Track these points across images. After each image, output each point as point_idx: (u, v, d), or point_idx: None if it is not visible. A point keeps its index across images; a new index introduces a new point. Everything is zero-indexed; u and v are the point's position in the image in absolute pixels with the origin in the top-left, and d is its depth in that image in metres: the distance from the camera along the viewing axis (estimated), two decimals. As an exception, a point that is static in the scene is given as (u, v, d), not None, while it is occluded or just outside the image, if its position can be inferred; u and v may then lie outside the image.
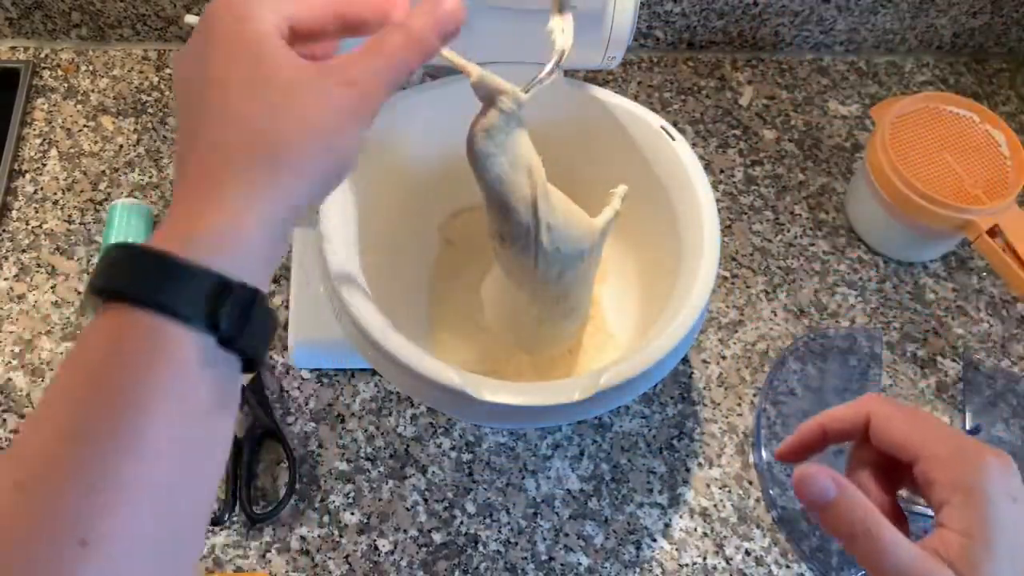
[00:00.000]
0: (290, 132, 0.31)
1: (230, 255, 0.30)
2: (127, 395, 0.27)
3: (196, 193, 0.31)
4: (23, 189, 0.71)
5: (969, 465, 0.35)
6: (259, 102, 0.31)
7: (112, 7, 0.76)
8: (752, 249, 0.73)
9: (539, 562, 0.58)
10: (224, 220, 0.30)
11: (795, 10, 0.82)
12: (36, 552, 0.25)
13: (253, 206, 0.30)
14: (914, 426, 0.37)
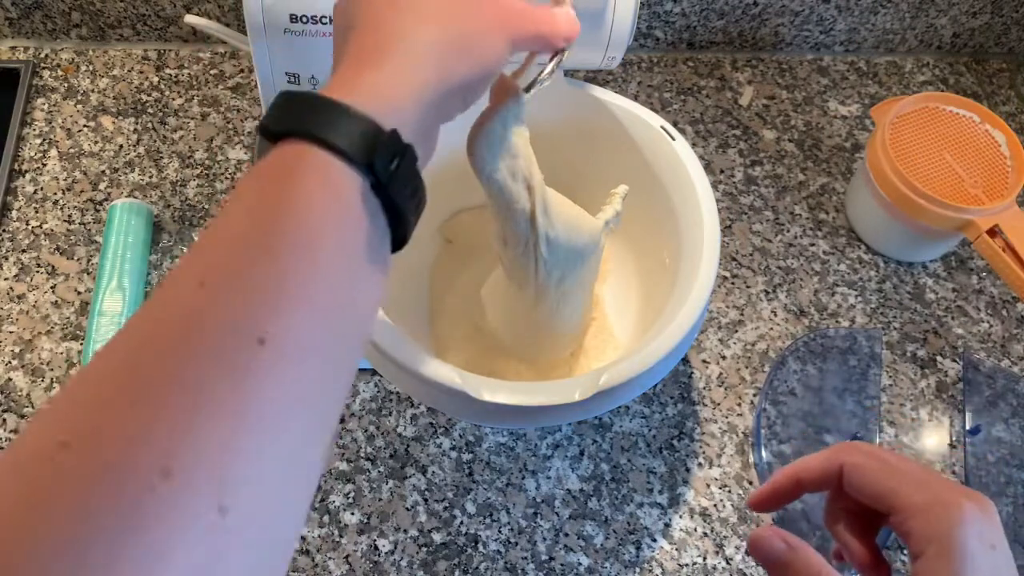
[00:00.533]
0: (434, 29, 0.34)
1: (385, 109, 0.32)
2: (300, 216, 0.29)
3: (354, 67, 0.33)
4: (23, 189, 0.71)
5: (944, 515, 0.35)
6: (416, 3, 0.35)
7: (112, 7, 0.76)
8: (752, 249, 0.73)
9: (539, 562, 0.58)
10: (383, 80, 0.33)
11: (795, 10, 0.82)
12: (219, 343, 0.26)
13: (409, 76, 0.33)
14: (887, 475, 0.37)
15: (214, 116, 0.76)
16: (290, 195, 0.29)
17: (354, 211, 0.30)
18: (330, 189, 0.30)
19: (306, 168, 0.30)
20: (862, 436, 0.64)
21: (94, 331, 0.62)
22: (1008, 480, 0.63)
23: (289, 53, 0.51)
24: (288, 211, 0.29)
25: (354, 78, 0.33)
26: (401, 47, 0.34)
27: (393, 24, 0.34)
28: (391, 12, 0.35)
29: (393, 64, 0.33)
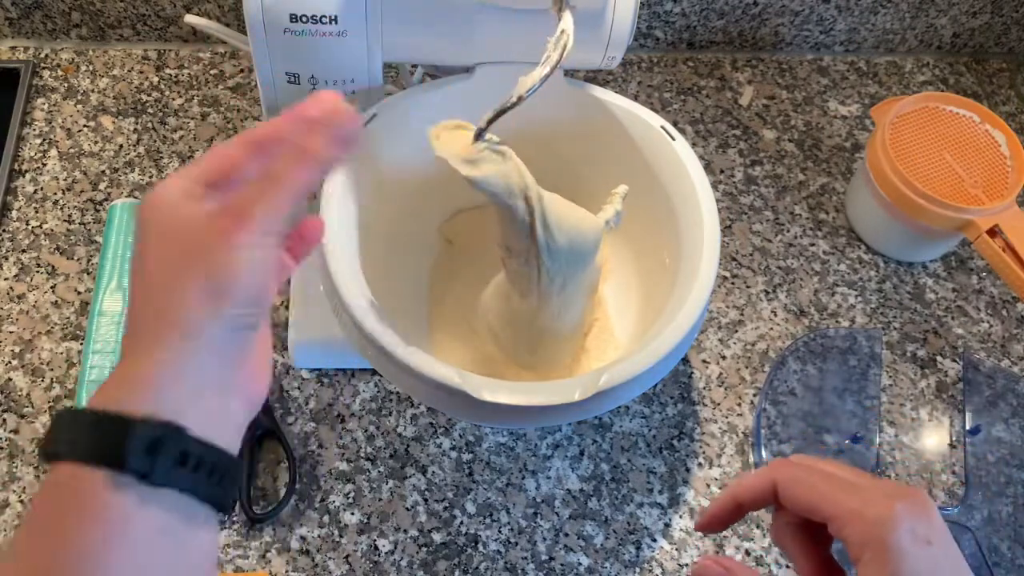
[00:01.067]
0: (169, 284, 0.33)
1: (137, 397, 0.32)
2: (75, 549, 0.30)
3: (122, 361, 0.34)
4: (23, 189, 0.71)
5: (876, 518, 0.35)
6: (149, 269, 0.34)
7: (112, 7, 0.76)
8: (752, 249, 0.73)
9: (539, 562, 0.58)
10: (133, 371, 0.33)
11: (795, 10, 0.82)
12: None
13: (152, 358, 0.33)
14: (818, 486, 0.37)
15: (214, 116, 0.76)
16: (64, 531, 0.30)
17: (121, 517, 0.30)
18: (93, 511, 0.30)
19: (63, 493, 0.31)
20: (862, 436, 0.64)
21: (94, 331, 0.62)
22: (1008, 480, 0.63)
23: (289, 53, 0.51)
24: (67, 552, 0.30)
25: (113, 378, 0.33)
26: (145, 331, 0.33)
27: (136, 306, 0.34)
28: (137, 292, 0.34)
29: (142, 352, 0.33)
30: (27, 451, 0.59)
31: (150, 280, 0.34)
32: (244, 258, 0.33)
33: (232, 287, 0.33)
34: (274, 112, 0.55)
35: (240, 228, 0.33)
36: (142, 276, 0.34)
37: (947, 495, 0.63)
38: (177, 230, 0.34)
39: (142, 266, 0.34)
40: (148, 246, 0.34)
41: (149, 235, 0.34)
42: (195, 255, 0.33)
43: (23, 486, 0.58)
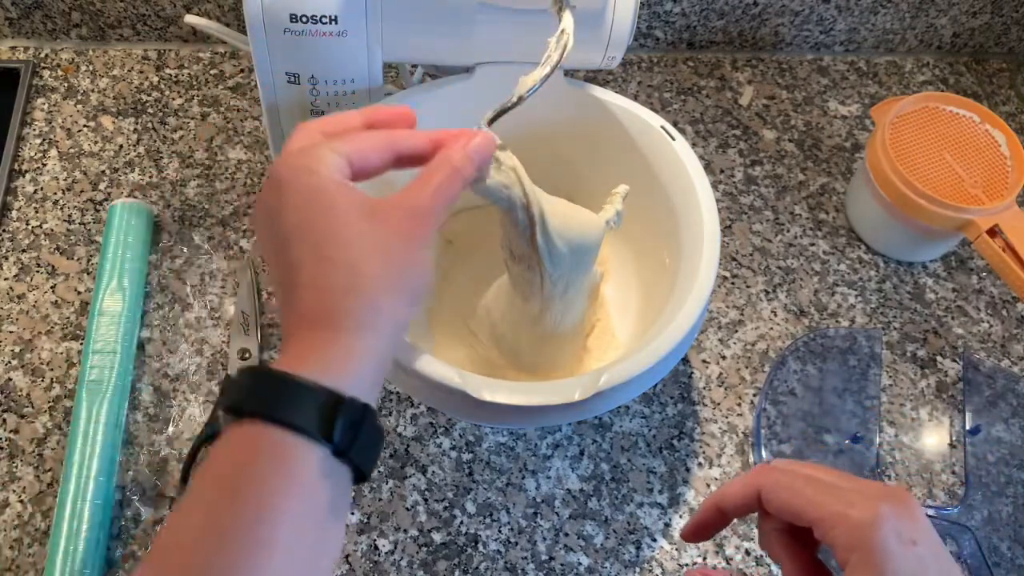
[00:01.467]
0: (375, 273, 0.35)
1: (340, 376, 0.34)
2: (255, 505, 0.31)
3: (308, 332, 0.35)
4: (23, 189, 0.71)
5: (861, 520, 0.35)
6: (343, 252, 0.35)
7: (112, 7, 0.76)
8: (752, 249, 0.73)
9: (539, 562, 0.58)
10: (337, 350, 0.34)
11: (795, 10, 0.82)
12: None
13: (357, 341, 0.35)
14: (802, 491, 0.37)
15: (214, 116, 0.76)
16: (247, 488, 0.31)
17: (312, 483, 0.33)
18: (286, 470, 0.32)
19: (262, 452, 0.32)
20: (862, 436, 0.64)
21: (94, 331, 0.62)
22: (1008, 480, 0.63)
23: (289, 53, 0.51)
24: (245, 504, 0.31)
25: (308, 349, 0.34)
26: (348, 313, 0.35)
27: (333, 282, 0.35)
28: (327, 267, 0.35)
29: (343, 332, 0.35)
30: (27, 451, 0.59)
31: (337, 265, 0.35)
32: (427, 258, 0.37)
33: (423, 286, 0.37)
34: (274, 112, 0.55)
35: (422, 227, 0.37)
36: (324, 256, 0.35)
37: (947, 495, 0.63)
38: (357, 219, 0.35)
39: (322, 245, 0.35)
40: (328, 225, 0.35)
41: (323, 212, 0.35)
42: (391, 254, 0.36)
43: (23, 486, 0.58)
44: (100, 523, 0.56)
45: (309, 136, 0.38)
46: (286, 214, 0.36)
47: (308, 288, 0.35)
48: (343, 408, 0.33)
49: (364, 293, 0.35)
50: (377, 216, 0.36)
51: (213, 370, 0.63)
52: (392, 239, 0.36)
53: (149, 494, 0.59)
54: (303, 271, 0.35)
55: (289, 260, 0.36)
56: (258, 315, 0.65)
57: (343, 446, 0.33)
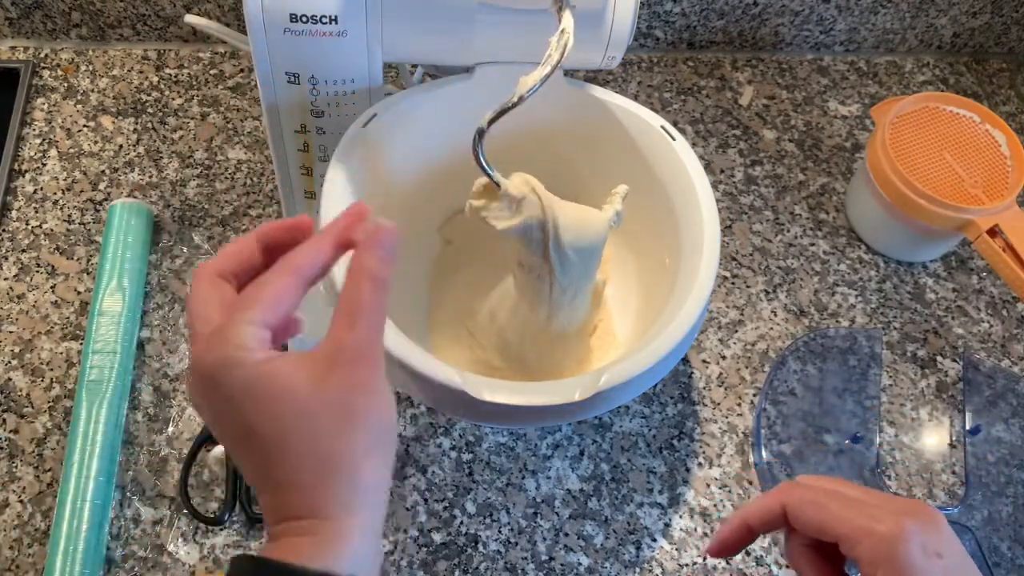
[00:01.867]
0: (345, 448, 0.33)
1: (337, 559, 0.32)
2: None
3: (296, 523, 0.33)
4: (23, 189, 0.71)
5: (886, 535, 0.35)
6: (306, 441, 0.33)
7: (112, 7, 0.76)
8: (752, 249, 0.73)
9: (539, 562, 0.58)
10: (326, 537, 0.33)
11: (795, 10, 0.82)
12: None
13: (346, 522, 0.33)
14: (827, 506, 0.37)
15: (214, 116, 0.76)
16: None
17: None
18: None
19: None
20: (862, 436, 0.64)
21: (94, 331, 0.62)
22: (1008, 480, 0.63)
23: (289, 53, 0.51)
24: None
25: (301, 539, 0.33)
26: (332, 500, 0.33)
27: (308, 477, 0.33)
28: (296, 462, 0.33)
29: (331, 519, 0.33)
30: (27, 451, 0.59)
31: (304, 456, 0.33)
32: (387, 398, 0.35)
33: (393, 430, 0.35)
34: (274, 112, 0.55)
35: (369, 368, 0.34)
36: (289, 450, 0.33)
37: (947, 495, 0.63)
38: (305, 396, 0.33)
39: (283, 439, 0.33)
40: (278, 417, 0.33)
41: (268, 404, 0.33)
42: (353, 416, 0.33)
43: (23, 486, 0.58)
44: (100, 523, 0.56)
45: (213, 290, 0.36)
46: (231, 414, 0.34)
47: (285, 488, 0.33)
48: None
49: (341, 476, 0.33)
50: (321, 383, 0.33)
51: (213, 370, 0.63)
52: (346, 398, 0.33)
53: (149, 494, 0.59)
54: (271, 473, 0.34)
55: (254, 459, 0.34)
56: (258, 315, 0.65)
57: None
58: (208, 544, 0.57)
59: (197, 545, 0.57)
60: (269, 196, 0.72)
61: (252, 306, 0.34)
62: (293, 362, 0.33)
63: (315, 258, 0.36)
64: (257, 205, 0.71)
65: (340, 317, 0.35)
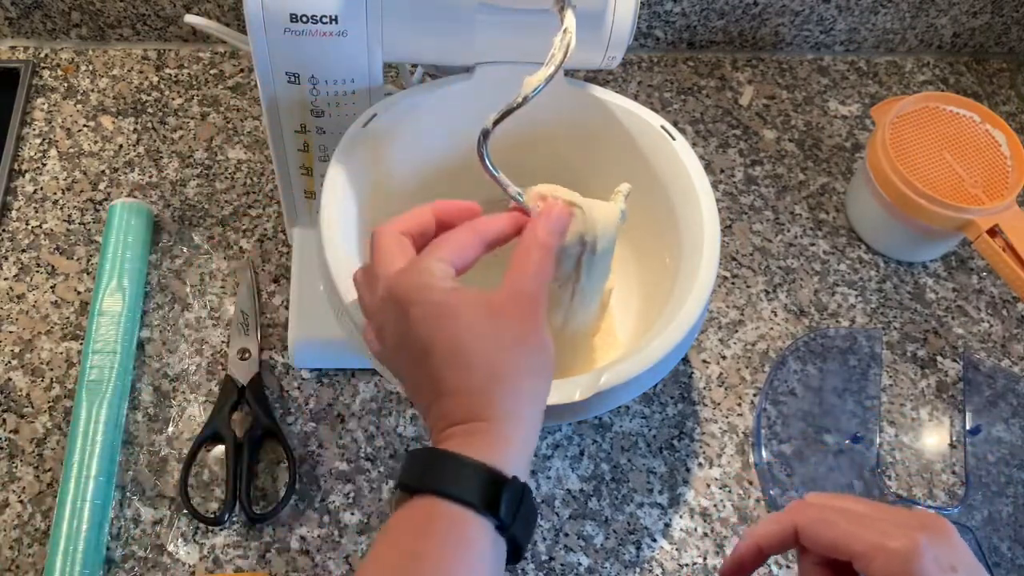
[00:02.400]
0: (510, 366, 0.39)
1: (500, 459, 0.37)
2: (433, 570, 0.34)
3: (462, 428, 0.38)
4: (23, 189, 0.71)
5: (899, 551, 0.35)
6: (478, 356, 0.38)
7: (112, 7, 0.76)
8: (752, 249, 0.73)
9: (539, 562, 0.58)
10: (491, 439, 0.38)
11: (795, 10, 0.82)
12: None
13: (507, 428, 0.38)
14: (838, 525, 0.38)
15: (214, 116, 0.76)
16: (427, 550, 0.35)
17: (483, 555, 0.35)
18: (461, 540, 0.35)
19: (439, 523, 0.35)
20: (862, 436, 0.64)
21: (94, 331, 0.62)
22: (1008, 480, 0.63)
23: (289, 53, 0.51)
24: (426, 565, 0.34)
25: (467, 440, 0.37)
26: (496, 406, 0.38)
27: (476, 385, 0.38)
28: (467, 373, 0.38)
29: (495, 422, 0.38)
30: (27, 451, 0.59)
31: (474, 369, 0.38)
32: (547, 337, 0.40)
33: (551, 361, 0.41)
34: (274, 112, 0.55)
35: (535, 310, 0.40)
36: (462, 364, 0.38)
37: (947, 495, 0.63)
38: (481, 321, 0.39)
39: (457, 354, 0.38)
40: (458, 335, 0.39)
41: (451, 323, 0.39)
42: (519, 343, 0.39)
43: (23, 486, 0.58)
44: (100, 523, 0.56)
45: (398, 244, 0.42)
46: (416, 332, 0.39)
47: (454, 395, 0.38)
48: (507, 487, 0.36)
49: (506, 386, 0.38)
50: (495, 313, 0.39)
51: (213, 370, 0.63)
52: (516, 329, 0.39)
53: (149, 494, 0.59)
54: (445, 381, 0.38)
55: (429, 373, 0.39)
56: (258, 315, 0.65)
57: (507, 521, 0.36)
58: (208, 544, 0.57)
59: (197, 545, 0.57)
60: (269, 196, 0.72)
61: (442, 248, 0.41)
62: (475, 294, 0.39)
63: (496, 227, 0.44)
64: (257, 205, 0.71)
65: (515, 269, 0.41)
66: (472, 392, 0.38)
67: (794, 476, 0.62)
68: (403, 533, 0.36)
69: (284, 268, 0.68)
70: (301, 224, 0.66)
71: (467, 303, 0.39)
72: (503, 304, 0.40)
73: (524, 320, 0.40)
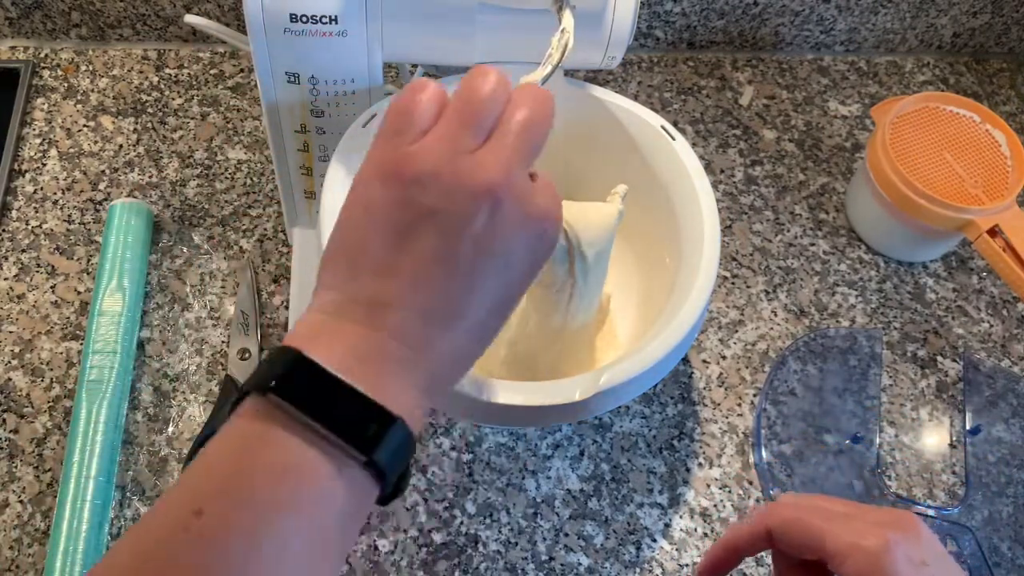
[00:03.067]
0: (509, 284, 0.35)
1: (411, 404, 0.32)
2: (267, 494, 0.29)
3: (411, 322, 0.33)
4: (23, 189, 0.71)
5: (870, 550, 0.36)
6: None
7: (112, 7, 0.76)
8: (752, 249, 0.73)
9: (539, 562, 0.58)
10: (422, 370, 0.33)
11: (795, 10, 0.82)
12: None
13: (449, 366, 0.35)
14: (811, 526, 0.38)
15: (214, 116, 0.76)
16: (260, 475, 0.30)
17: (334, 494, 0.30)
18: (302, 466, 0.30)
19: (279, 440, 0.30)
20: (862, 436, 0.64)
21: (94, 331, 0.62)
22: (1008, 480, 0.63)
23: (289, 53, 0.51)
24: (255, 491, 0.29)
25: (384, 360, 0.32)
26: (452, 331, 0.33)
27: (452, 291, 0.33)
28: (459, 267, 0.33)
29: (426, 358, 0.33)
30: (27, 451, 0.59)
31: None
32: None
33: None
34: (274, 112, 0.55)
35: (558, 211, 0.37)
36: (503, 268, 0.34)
37: (947, 495, 0.63)
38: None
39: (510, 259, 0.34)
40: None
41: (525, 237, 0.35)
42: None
43: (23, 486, 0.58)
44: (100, 523, 0.56)
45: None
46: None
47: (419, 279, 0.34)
48: (395, 430, 0.31)
49: (469, 320, 0.35)
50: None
51: (213, 370, 0.63)
52: (524, 260, 0.37)
53: (149, 494, 0.59)
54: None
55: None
56: (258, 315, 0.65)
57: (381, 466, 0.31)
58: (208, 544, 0.57)
59: (197, 545, 0.57)
60: (269, 196, 0.72)
61: (517, 152, 0.37)
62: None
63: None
64: (257, 205, 0.71)
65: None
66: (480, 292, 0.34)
67: (794, 476, 0.62)
68: (225, 447, 0.31)
69: (284, 268, 0.68)
70: (301, 224, 0.66)
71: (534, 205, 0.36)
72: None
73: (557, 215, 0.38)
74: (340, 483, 0.30)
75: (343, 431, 0.30)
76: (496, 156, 0.34)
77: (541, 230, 0.35)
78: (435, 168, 0.33)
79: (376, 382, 0.31)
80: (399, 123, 0.34)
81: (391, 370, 0.32)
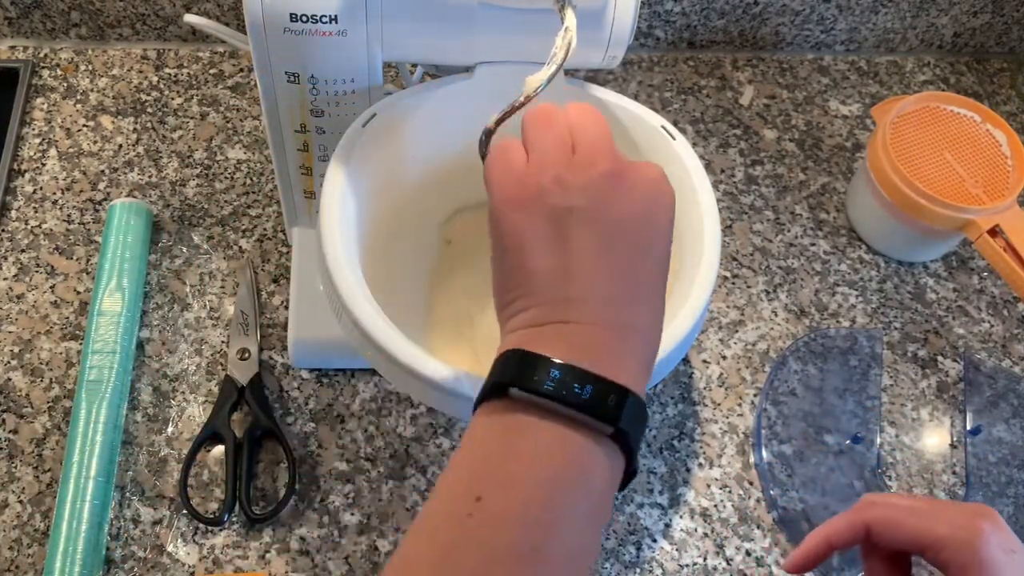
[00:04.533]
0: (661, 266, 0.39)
1: (627, 375, 0.35)
2: (540, 473, 0.32)
3: (598, 317, 0.36)
4: (23, 189, 0.71)
5: (968, 539, 0.39)
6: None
7: (112, 7, 0.76)
8: (752, 249, 0.73)
9: (539, 562, 0.58)
10: (627, 353, 0.36)
11: (796, 9, 0.81)
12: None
13: (645, 345, 0.38)
14: (908, 521, 0.41)
15: (214, 116, 0.76)
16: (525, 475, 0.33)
17: (597, 468, 0.34)
18: (574, 455, 0.33)
19: (537, 437, 0.33)
20: (863, 436, 0.63)
21: (93, 331, 0.62)
22: (1009, 480, 0.63)
23: (289, 53, 0.51)
24: (530, 484, 0.32)
25: (599, 346, 0.35)
26: (635, 314, 0.36)
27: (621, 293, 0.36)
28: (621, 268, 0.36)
29: (629, 336, 0.36)
30: (26, 451, 0.59)
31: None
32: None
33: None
34: (274, 112, 0.55)
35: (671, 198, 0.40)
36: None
37: (948, 495, 0.63)
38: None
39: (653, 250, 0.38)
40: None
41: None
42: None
43: (22, 486, 0.58)
44: (99, 523, 0.56)
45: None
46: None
47: (584, 279, 0.37)
48: (630, 399, 0.34)
49: (646, 303, 0.38)
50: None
51: (212, 370, 0.63)
52: (662, 247, 0.40)
53: (148, 494, 0.58)
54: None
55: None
56: (258, 315, 0.65)
57: (628, 431, 0.34)
58: (208, 544, 0.57)
59: (197, 545, 0.57)
60: (269, 196, 0.72)
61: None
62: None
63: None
64: (257, 205, 0.71)
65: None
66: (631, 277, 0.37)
67: (794, 476, 0.62)
68: (487, 440, 0.35)
69: (284, 268, 0.68)
70: (301, 224, 0.66)
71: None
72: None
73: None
74: (598, 456, 0.33)
75: (588, 408, 0.33)
76: (593, 148, 0.39)
77: (659, 188, 0.39)
78: (556, 175, 0.37)
79: (599, 363, 0.34)
80: (505, 162, 0.39)
81: (607, 351, 0.35)
